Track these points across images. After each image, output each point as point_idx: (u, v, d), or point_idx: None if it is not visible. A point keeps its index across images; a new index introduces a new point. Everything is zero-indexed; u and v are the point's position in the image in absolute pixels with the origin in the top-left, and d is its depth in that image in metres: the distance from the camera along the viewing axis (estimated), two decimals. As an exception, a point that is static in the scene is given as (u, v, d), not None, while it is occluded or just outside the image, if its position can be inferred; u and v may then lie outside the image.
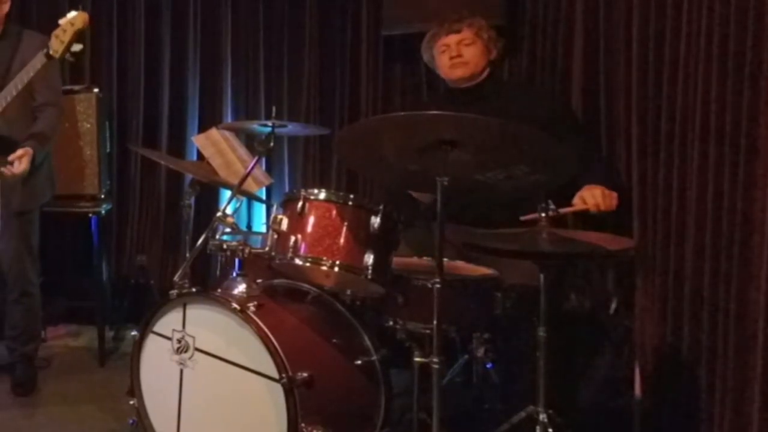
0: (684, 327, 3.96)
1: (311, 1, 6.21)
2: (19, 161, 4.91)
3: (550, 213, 3.74)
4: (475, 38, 4.76)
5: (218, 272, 5.85)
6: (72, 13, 4.63)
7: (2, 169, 4.95)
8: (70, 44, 4.60)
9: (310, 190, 4.07)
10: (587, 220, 4.15)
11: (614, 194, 4.24)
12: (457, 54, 4.76)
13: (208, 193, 6.13)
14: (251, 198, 5.92)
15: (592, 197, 4.20)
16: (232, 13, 6.45)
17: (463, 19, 4.79)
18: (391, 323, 4.13)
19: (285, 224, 4.07)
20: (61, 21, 4.63)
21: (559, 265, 4.34)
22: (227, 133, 5.57)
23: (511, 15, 5.43)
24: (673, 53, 4.04)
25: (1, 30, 5.28)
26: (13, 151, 5.04)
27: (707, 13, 3.73)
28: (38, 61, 4.75)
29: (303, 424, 3.72)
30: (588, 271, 4.63)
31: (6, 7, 5.25)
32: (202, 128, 6.28)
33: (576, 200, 4.22)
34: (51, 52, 4.63)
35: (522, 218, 3.96)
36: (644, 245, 4.24)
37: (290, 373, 3.72)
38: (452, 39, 4.78)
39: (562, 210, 3.93)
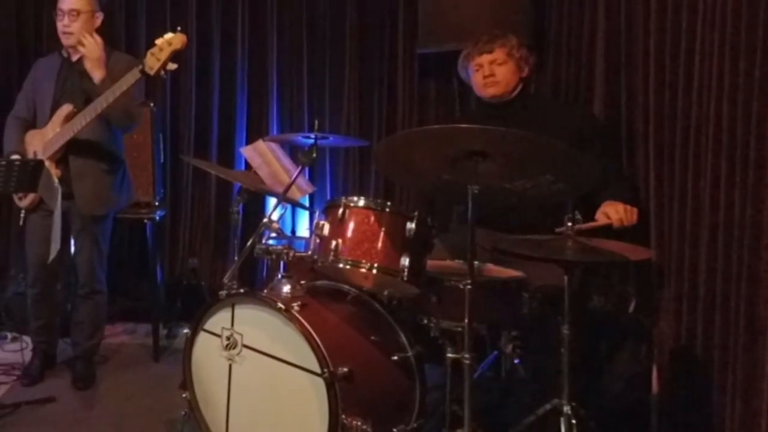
0: (698, 326, 3.98)
1: (351, 22, 6.20)
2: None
3: (577, 224, 3.78)
4: (506, 58, 4.71)
5: (265, 274, 5.90)
6: (170, 34, 4.65)
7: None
8: (165, 63, 4.63)
9: (350, 198, 4.06)
10: (609, 232, 4.15)
11: (635, 210, 4.23)
12: (490, 74, 4.72)
13: (255, 200, 6.15)
14: (295, 205, 5.89)
15: (615, 212, 4.19)
16: (277, 34, 6.45)
17: (495, 39, 4.74)
18: (425, 322, 4.11)
19: (327, 229, 4.05)
20: (158, 40, 4.66)
21: (583, 268, 4.38)
22: (273, 145, 5.53)
23: (537, 34, 5.40)
24: (687, 72, 4.05)
25: None
26: (93, 153, 5.20)
27: (719, 35, 3.74)
28: (132, 77, 4.78)
29: (343, 416, 3.72)
30: (609, 273, 4.62)
31: (98, 21, 5.32)
32: (250, 140, 6.29)
33: (599, 215, 4.21)
34: (146, 69, 4.66)
35: (556, 230, 3.97)
36: (661, 251, 4.25)
37: (331, 368, 3.73)
38: (485, 59, 4.74)
39: (586, 225, 3.94)
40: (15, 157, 5.11)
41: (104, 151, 5.25)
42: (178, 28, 4.68)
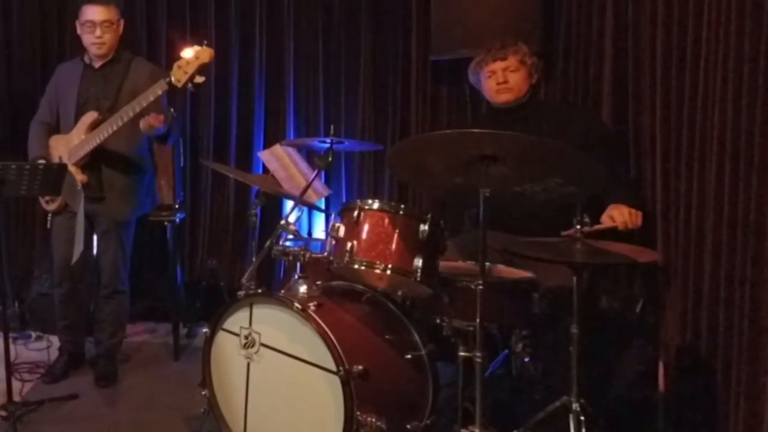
0: (702, 326, 4.00)
1: (366, 30, 6.21)
2: (156, 118, 4.97)
3: (585, 227, 3.80)
4: (519, 65, 4.72)
5: (282, 275, 5.92)
6: (197, 47, 4.65)
7: (145, 118, 5.01)
8: (192, 76, 4.63)
9: (365, 201, 4.09)
10: (615, 235, 4.16)
11: (639, 213, 4.23)
12: (504, 80, 4.72)
13: (273, 203, 6.15)
14: (311, 208, 5.93)
15: (620, 215, 4.19)
16: (294, 41, 6.46)
17: (508, 46, 4.75)
18: (438, 321, 4.12)
19: (342, 231, 4.08)
20: (185, 53, 4.65)
21: (591, 269, 4.39)
22: (290, 149, 5.53)
23: (547, 41, 5.39)
24: (692, 78, 4.06)
25: (115, 54, 5.37)
26: (120, 163, 5.22)
27: (723, 44, 3.76)
28: (159, 88, 4.79)
29: (358, 413, 3.73)
30: (617, 274, 4.63)
31: (119, 32, 5.34)
32: (267, 144, 6.28)
33: (605, 218, 4.22)
34: (173, 81, 4.65)
35: (562, 233, 3.98)
36: (667, 252, 4.26)
37: (347, 366, 3.74)
38: (498, 66, 4.73)
39: (592, 228, 3.96)
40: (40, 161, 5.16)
41: (133, 159, 5.30)
42: (205, 42, 4.67)
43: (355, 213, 4.04)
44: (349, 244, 4.00)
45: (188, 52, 4.63)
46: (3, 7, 6.90)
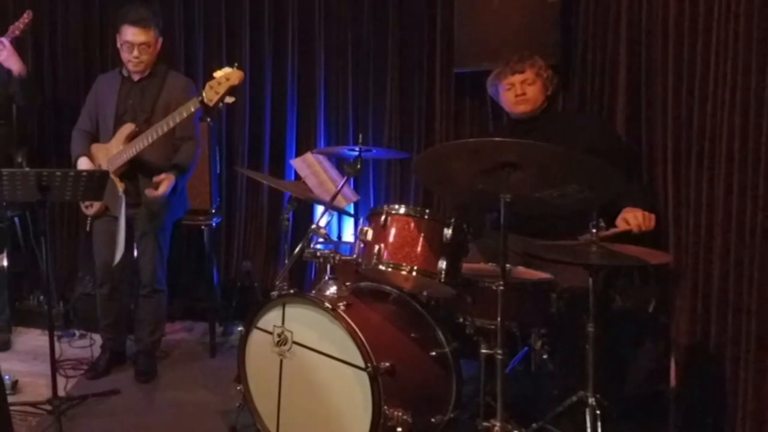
0: (712, 324, 4.00)
1: (392, 44, 6.19)
2: (161, 185, 5.08)
3: (601, 231, 3.83)
4: (536, 78, 4.74)
5: (313, 276, 5.94)
6: (227, 69, 4.66)
7: (146, 191, 5.11)
8: (223, 96, 4.64)
9: (391, 206, 4.13)
10: (629, 237, 4.18)
11: (653, 216, 4.26)
12: (522, 92, 4.75)
13: (304, 208, 6.19)
14: (341, 212, 5.91)
15: (634, 218, 4.22)
16: (324, 54, 6.45)
17: (525, 59, 4.77)
18: (461, 320, 4.18)
19: (370, 235, 4.13)
20: (217, 74, 4.66)
21: (606, 271, 4.42)
22: (320, 157, 5.56)
23: (565, 55, 5.40)
24: (702, 89, 4.06)
25: (151, 68, 5.41)
26: (155, 171, 5.24)
27: (732, 55, 3.76)
28: (192, 105, 4.84)
29: (385, 407, 3.77)
30: (630, 276, 4.63)
31: (159, 46, 5.37)
32: (299, 153, 6.28)
33: (619, 221, 4.23)
34: (205, 101, 4.67)
35: (579, 238, 4.01)
36: (678, 255, 4.27)
37: (375, 363, 3.77)
38: (516, 78, 4.76)
39: (608, 232, 3.97)
40: (82, 163, 5.24)
41: (166, 168, 5.30)
42: (236, 64, 4.68)
43: (383, 217, 4.09)
44: (376, 247, 4.05)
45: (220, 73, 4.65)
46: (50, 23, 6.98)
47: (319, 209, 5.57)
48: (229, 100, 4.68)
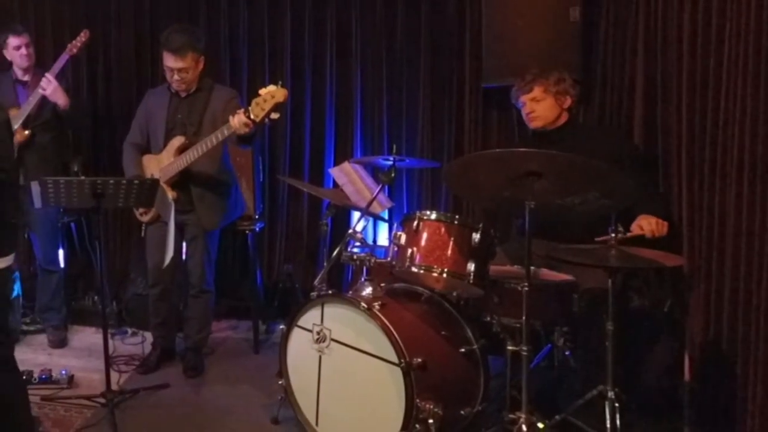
0: (724, 322, 4.05)
1: (424, 59, 6.17)
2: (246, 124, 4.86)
3: (619, 235, 3.86)
4: (544, 95, 4.73)
5: (350, 278, 5.94)
6: (272, 87, 4.59)
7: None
8: (269, 113, 4.57)
9: (423, 212, 4.17)
10: (645, 241, 4.19)
11: (666, 223, 4.26)
12: (531, 110, 4.76)
13: (342, 214, 6.24)
14: (376, 218, 5.94)
15: (648, 225, 4.23)
16: (360, 69, 6.46)
17: (533, 80, 4.76)
18: (488, 318, 4.22)
19: (403, 239, 4.17)
20: (262, 91, 4.60)
21: (624, 273, 4.44)
22: (357, 166, 5.61)
23: (586, 71, 5.39)
24: (714, 100, 4.11)
25: (198, 84, 5.42)
26: (206, 180, 5.35)
27: (742, 72, 3.79)
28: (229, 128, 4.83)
29: (418, 400, 3.81)
30: (647, 277, 4.63)
31: (202, 65, 5.37)
32: (337, 162, 6.29)
33: (634, 227, 4.24)
34: (252, 117, 4.62)
35: (596, 239, 4.04)
36: (692, 258, 4.29)
37: (407, 359, 3.82)
38: (526, 98, 4.77)
39: (625, 236, 4.00)
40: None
41: (216, 176, 5.39)
42: (280, 82, 4.64)
43: (415, 223, 4.13)
44: (409, 251, 4.10)
45: (265, 90, 4.61)
46: (104, 39, 7.04)
47: (356, 215, 5.55)
48: (275, 116, 4.63)
